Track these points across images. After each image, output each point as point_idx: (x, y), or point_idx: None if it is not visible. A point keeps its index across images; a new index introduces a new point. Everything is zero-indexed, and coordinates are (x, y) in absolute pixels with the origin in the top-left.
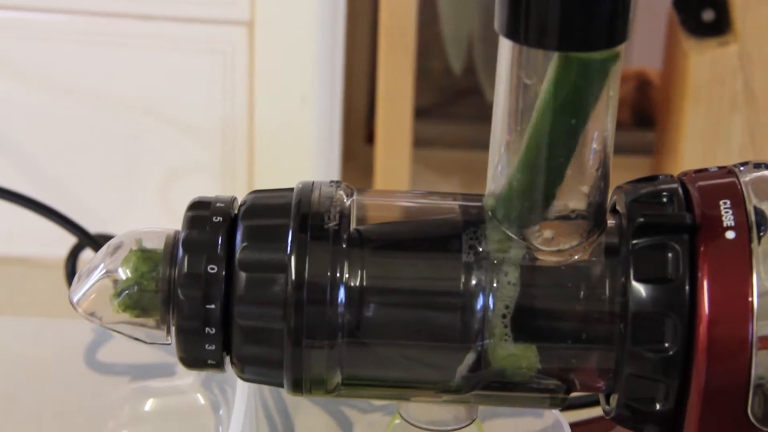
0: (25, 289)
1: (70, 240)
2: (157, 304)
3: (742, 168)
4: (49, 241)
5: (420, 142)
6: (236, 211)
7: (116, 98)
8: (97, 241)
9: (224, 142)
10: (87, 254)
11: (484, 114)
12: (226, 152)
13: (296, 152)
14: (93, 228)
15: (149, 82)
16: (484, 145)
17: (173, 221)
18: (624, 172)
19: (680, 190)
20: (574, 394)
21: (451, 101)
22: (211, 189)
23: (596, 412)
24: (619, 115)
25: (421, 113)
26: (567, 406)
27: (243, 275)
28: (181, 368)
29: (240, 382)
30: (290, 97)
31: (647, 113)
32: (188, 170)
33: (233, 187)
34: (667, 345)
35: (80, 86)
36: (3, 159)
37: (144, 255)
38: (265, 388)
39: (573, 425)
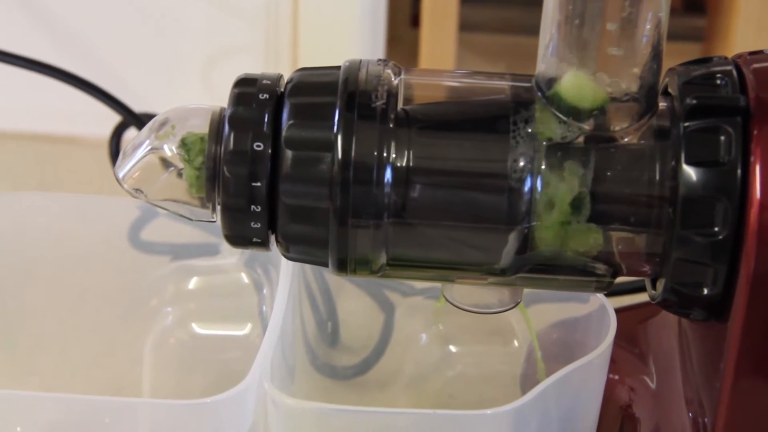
0: (70, 168)
1: (114, 119)
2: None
3: None
4: (93, 119)
5: (466, 25)
6: (283, 89)
7: None
8: (141, 120)
9: (268, 22)
10: (131, 133)
11: None
12: (270, 33)
13: (341, 34)
14: (137, 108)
15: None
16: (530, 30)
17: (217, 102)
18: (674, 59)
19: (734, 72)
20: (619, 280)
21: None
22: (254, 69)
23: (641, 298)
24: None
25: None
26: (611, 292)
27: (289, 153)
28: (224, 248)
29: (284, 262)
30: None
31: None
32: (232, 51)
33: (276, 68)
34: (716, 229)
35: None
36: (50, 38)
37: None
38: (308, 269)
39: (617, 311)
